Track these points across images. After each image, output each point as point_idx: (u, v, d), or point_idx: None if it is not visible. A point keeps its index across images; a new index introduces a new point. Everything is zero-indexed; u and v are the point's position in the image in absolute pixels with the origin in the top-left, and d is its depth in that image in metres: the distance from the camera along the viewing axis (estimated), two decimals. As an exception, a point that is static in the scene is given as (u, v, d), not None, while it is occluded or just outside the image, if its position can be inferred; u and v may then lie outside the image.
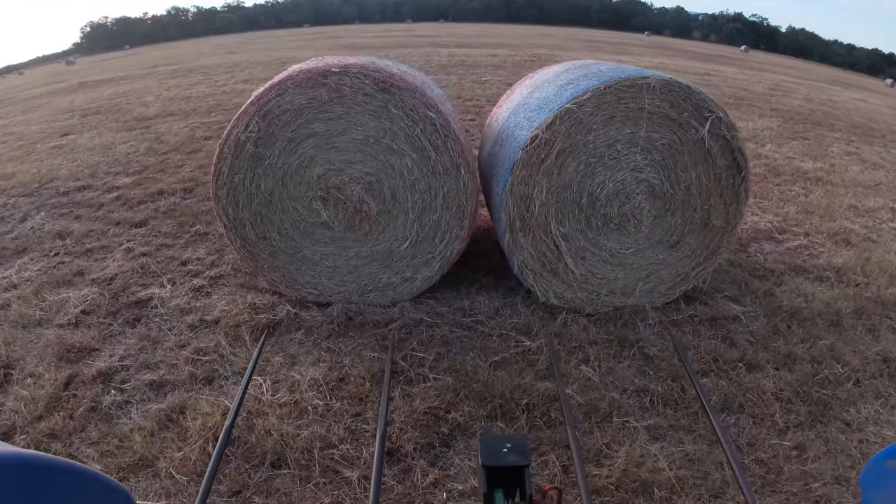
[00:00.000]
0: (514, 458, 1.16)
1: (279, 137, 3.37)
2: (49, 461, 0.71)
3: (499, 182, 3.55)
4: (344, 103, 3.26)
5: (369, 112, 3.28)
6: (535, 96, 3.69)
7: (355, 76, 3.16)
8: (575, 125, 3.30)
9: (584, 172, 3.48)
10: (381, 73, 3.16)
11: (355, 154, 3.41)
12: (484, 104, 10.83)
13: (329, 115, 3.30)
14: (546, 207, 3.51)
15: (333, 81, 3.18)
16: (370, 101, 3.24)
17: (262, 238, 3.66)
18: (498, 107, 4.39)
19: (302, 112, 3.30)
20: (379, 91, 3.20)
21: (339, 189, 3.50)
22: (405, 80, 3.21)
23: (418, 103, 3.21)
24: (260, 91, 3.29)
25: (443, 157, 3.34)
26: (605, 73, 3.43)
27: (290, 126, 3.35)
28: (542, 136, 3.25)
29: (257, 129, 3.32)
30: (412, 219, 3.58)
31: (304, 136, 3.39)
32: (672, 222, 3.66)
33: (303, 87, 3.21)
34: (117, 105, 12.84)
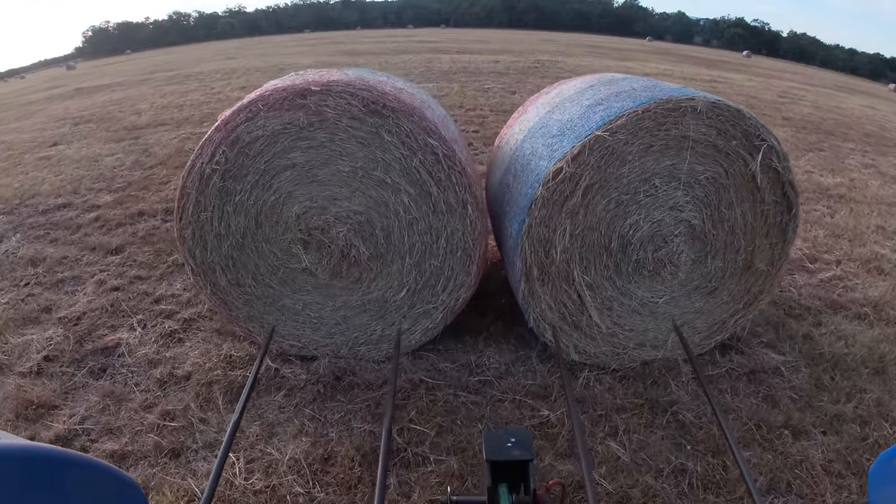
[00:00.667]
0: (518, 452, 1.15)
1: (251, 169, 2.82)
2: (63, 454, 0.72)
3: (513, 221, 2.98)
4: (327, 129, 2.70)
5: (357, 139, 2.72)
6: (555, 118, 3.12)
7: (339, 96, 2.60)
8: (606, 156, 2.74)
9: (614, 212, 2.92)
10: (370, 92, 2.60)
11: (341, 189, 2.85)
12: (487, 114, 10.37)
13: (309, 142, 2.75)
14: (569, 253, 2.95)
15: (313, 102, 2.63)
16: (358, 125, 2.68)
17: (236, 284, 3.12)
18: (509, 126, 3.82)
19: (277, 139, 2.74)
20: (368, 114, 2.64)
21: (323, 231, 2.94)
22: (400, 100, 2.64)
23: (416, 128, 2.64)
24: (227, 114, 2.73)
25: (446, 192, 2.77)
26: (640, 92, 2.87)
27: (263, 156, 2.79)
28: (566, 169, 2.68)
29: (224, 160, 2.77)
30: (410, 264, 3.01)
31: (280, 167, 2.83)
32: (712, 266, 3.15)
33: (277, 110, 2.65)
34: (110, 113, 12.59)
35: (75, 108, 14.18)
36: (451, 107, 10.96)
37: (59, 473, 0.70)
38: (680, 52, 40.59)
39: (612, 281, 3.14)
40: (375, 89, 2.62)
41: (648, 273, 3.13)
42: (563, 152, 2.74)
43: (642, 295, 3.19)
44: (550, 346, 3.23)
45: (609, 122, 2.69)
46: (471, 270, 3.01)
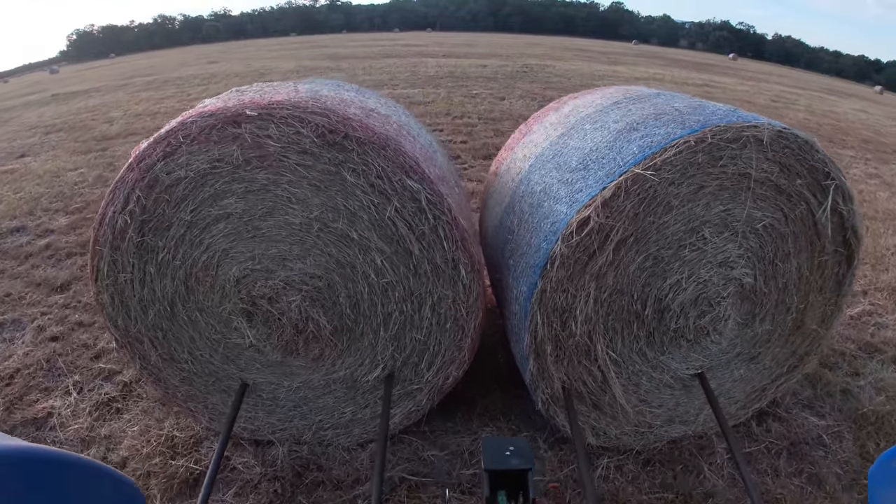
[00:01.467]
0: (516, 461, 1.15)
1: (174, 220, 2.13)
2: (62, 455, 0.73)
3: (520, 281, 2.30)
4: (269, 167, 2.01)
5: (311, 181, 2.03)
6: (573, 144, 2.45)
7: (285, 122, 1.91)
8: (647, 201, 2.07)
9: (651, 271, 2.26)
10: (327, 117, 1.91)
11: (292, 247, 2.15)
12: (476, 122, 9.72)
13: (247, 185, 2.05)
14: (592, 324, 2.28)
15: (250, 132, 1.93)
16: (311, 162, 1.99)
17: (169, 360, 2.44)
18: (509, 149, 3.14)
19: (205, 181, 2.05)
20: (325, 146, 1.95)
21: (271, 300, 2.24)
22: (369, 128, 1.96)
23: (391, 166, 1.96)
24: (142, 148, 2.04)
25: (431, 250, 2.09)
26: (686, 114, 2.21)
27: (187, 203, 2.10)
28: (595, 219, 2.01)
29: (141, 209, 2.08)
30: (386, 338, 2.32)
31: (211, 218, 2.13)
32: (759, 330, 2.57)
33: (202, 143, 1.95)
34: (82, 121, 12.04)
35: (49, 116, 13.61)
36: (438, 114, 10.31)
37: (58, 474, 0.69)
38: (667, 56, 40.48)
39: (642, 354, 2.49)
40: (334, 112, 1.93)
41: (686, 343, 2.49)
42: (590, 194, 2.06)
43: (676, 367, 2.57)
44: (563, 431, 2.57)
45: (652, 154, 2.02)
46: (463, 345, 2.32)
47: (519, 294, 2.29)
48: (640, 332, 2.42)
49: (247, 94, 2.12)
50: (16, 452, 0.69)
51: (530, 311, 2.20)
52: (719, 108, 2.33)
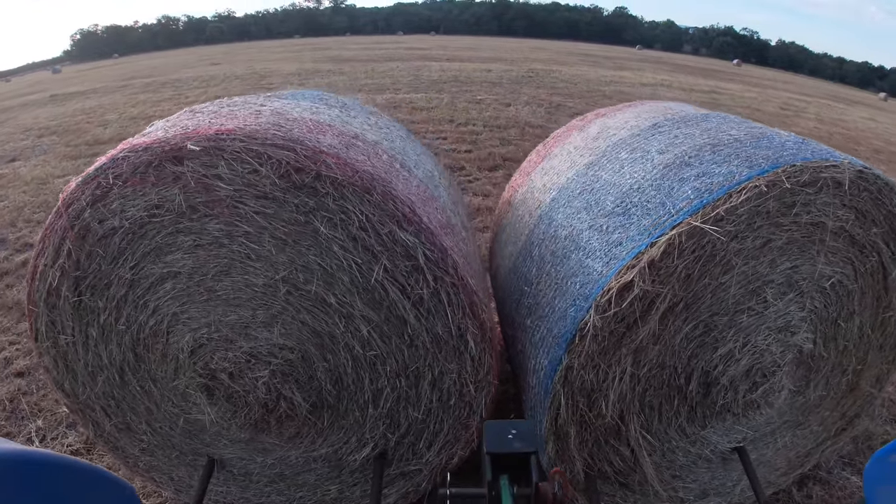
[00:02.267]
0: (519, 444, 1.12)
1: (113, 278, 1.71)
2: (57, 458, 0.73)
3: (539, 350, 1.87)
4: (222, 216, 1.58)
5: (275, 234, 1.60)
6: (605, 177, 2.02)
7: (237, 158, 1.48)
8: (703, 260, 1.64)
9: (700, 341, 1.84)
10: (293, 152, 1.48)
11: (255, 312, 1.72)
12: (481, 129, 9.28)
13: (195, 238, 1.63)
14: (625, 403, 1.86)
15: (194, 171, 1.51)
16: (275, 210, 1.56)
17: (126, 430, 2.04)
18: (525, 174, 2.70)
19: (144, 232, 1.63)
20: (291, 190, 1.52)
21: (233, 376, 1.81)
22: (349, 164, 1.54)
23: (378, 214, 1.53)
24: (70, 189, 1.62)
25: (430, 318, 1.66)
26: (749, 146, 1.79)
27: (126, 258, 1.68)
28: (640, 285, 1.58)
29: (74, 263, 1.67)
30: (375, 415, 1.89)
31: (155, 277, 1.71)
32: (811, 396, 2.19)
33: (137, 184, 1.53)
34: (77, 124, 11.73)
35: (45, 118, 13.31)
36: (441, 121, 9.88)
37: (55, 477, 0.69)
38: (672, 61, 40.14)
39: (680, 430, 2.08)
40: (302, 144, 1.50)
41: (732, 416, 2.08)
42: (633, 251, 1.63)
43: (716, 441, 2.16)
44: None
45: (713, 201, 1.59)
46: (471, 423, 1.89)
47: (538, 366, 1.86)
48: (680, 407, 2.00)
49: (199, 115, 1.69)
50: (13, 455, 0.68)
51: (552, 390, 1.77)
52: (786, 138, 1.90)
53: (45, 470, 0.70)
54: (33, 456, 0.72)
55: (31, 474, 0.68)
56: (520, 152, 7.66)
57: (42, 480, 0.69)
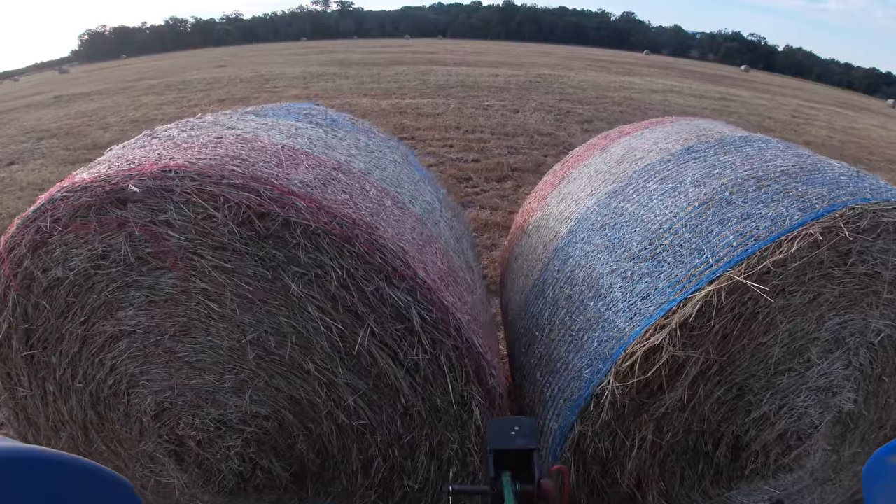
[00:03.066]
0: (522, 441, 1.11)
1: (64, 332, 1.48)
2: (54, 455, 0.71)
3: (548, 410, 1.62)
4: (175, 269, 1.32)
5: (238, 292, 1.34)
6: (630, 211, 1.77)
7: (188, 202, 1.24)
8: (744, 320, 1.40)
9: (732, 405, 1.60)
10: (255, 193, 1.23)
11: (223, 377, 1.47)
12: (489, 137, 8.99)
13: (148, 293, 1.39)
14: (643, 471, 1.61)
15: (138, 217, 1.26)
16: (236, 264, 1.31)
17: None
18: (540, 198, 2.44)
19: (91, 285, 1.39)
20: (254, 240, 1.27)
21: (202, 444, 1.56)
22: (325, 207, 1.29)
23: (362, 268, 1.27)
24: (11, 232, 1.39)
25: (429, 388, 1.40)
26: (799, 180, 1.55)
27: (75, 312, 1.45)
28: (668, 350, 1.32)
29: (22, 314, 1.44)
30: (366, 484, 1.63)
31: (108, 335, 1.47)
32: (844, 454, 1.94)
33: (77, 230, 1.29)
34: (78, 126, 11.57)
35: (48, 119, 13.15)
36: (447, 128, 9.60)
37: (54, 474, 0.68)
38: (680, 67, 39.83)
39: (704, 492, 1.82)
40: (267, 183, 1.25)
41: (761, 479, 1.83)
42: (663, 307, 1.38)
43: (741, 501, 1.90)
44: None
45: (759, 251, 1.33)
46: (475, 499, 1.63)
47: (547, 429, 1.61)
48: (706, 471, 1.75)
49: (154, 143, 1.43)
50: (9, 452, 0.67)
51: (560, 458, 1.52)
52: (839, 170, 1.64)
53: (41, 466, 0.68)
54: (29, 453, 0.70)
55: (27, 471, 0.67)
56: (529, 162, 7.35)
57: (39, 477, 0.68)
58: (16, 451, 0.69)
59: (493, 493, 1.09)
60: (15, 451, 0.68)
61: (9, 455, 0.67)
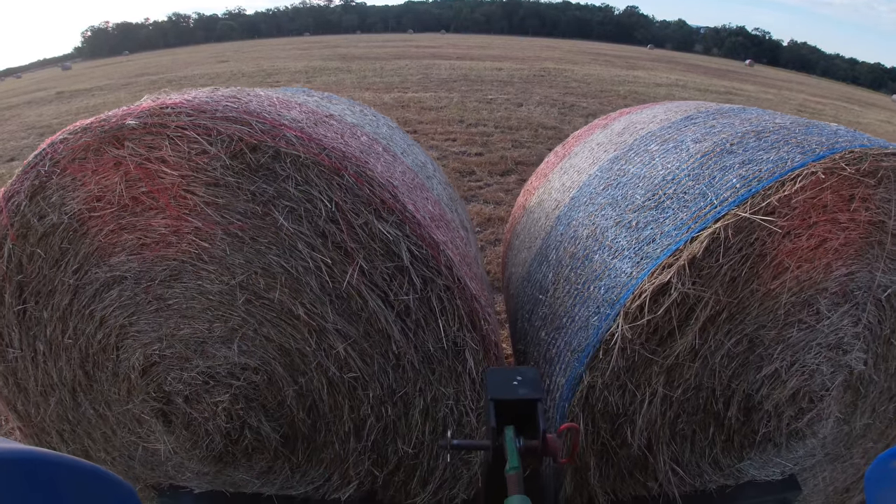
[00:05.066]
0: (524, 391, 1.05)
1: (57, 284, 1.46)
2: (54, 457, 0.71)
3: (554, 367, 1.58)
4: (168, 208, 1.29)
5: (230, 231, 1.30)
6: (633, 171, 1.74)
7: (183, 135, 1.21)
8: (752, 261, 1.36)
9: (742, 359, 1.55)
10: (248, 126, 1.20)
11: (212, 325, 1.43)
12: (492, 131, 8.89)
13: (140, 236, 1.36)
14: (653, 431, 1.57)
15: (134, 154, 1.23)
16: (228, 199, 1.28)
17: (85, 458, 1.71)
18: (542, 176, 2.41)
19: (85, 230, 1.37)
20: (246, 173, 1.24)
21: (190, 400, 1.53)
22: (315, 139, 1.26)
23: (351, 200, 1.24)
24: (11, 181, 1.36)
25: (421, 333, 1.36)
26: (798, 133, 1.52)
27: (68, 260, 1.42)
28: (677, 287, 1.29)
29: (17, 265, 1.43)
30: (359, 449, 1.60)
31: (100, 282, 1.45)
32: (856, 425, 1.89)
33: (75, 172, 1.27)
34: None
35: (49, 115, 13.17)
36: (450, 121, 9.50)
37: (53, 476, 0.68)
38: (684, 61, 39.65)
39: (714, 463, 1.77)
40: (258, 117, 1.22)
41: (773, 448, 1.79)
42: (669, 247, 1.35)
43: (753, 475, 1.86)
44: None
45: (763, 189, 1.30)
46: (473, 460, 1.59)
47: (553, 386, 1.57)
48: (717, 436, 1.70)
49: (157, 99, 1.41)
50: (10, 454, 0.66)
51: (569, 415, 1.48)
52: (836, 127, 1.62)
53: (43, 468, 0.68)
54: (31, 455, 0.69)
55: (29, 473, 0.66)
56: (533, 155, 7.25)
57: (40, 479, 0.67)
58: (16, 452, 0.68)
59: (495, 447, 1.03)
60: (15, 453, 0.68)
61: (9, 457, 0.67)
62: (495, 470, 1.07)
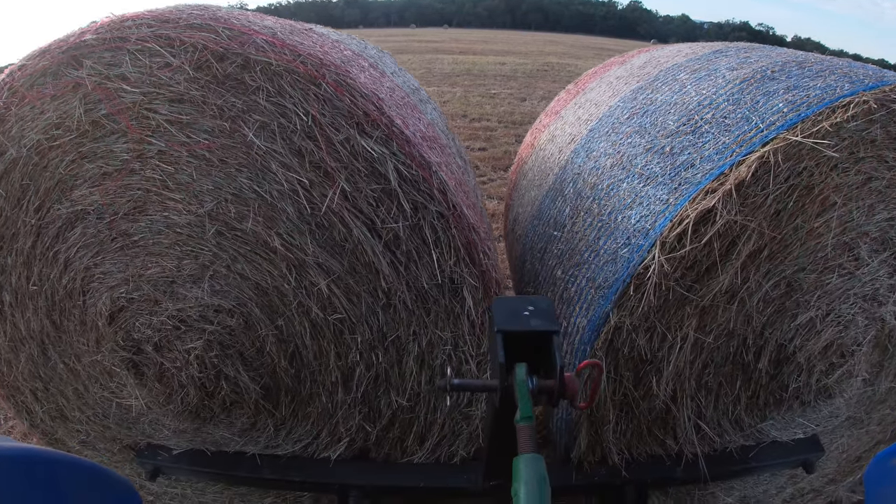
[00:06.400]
0: (537, 322, 0.90)
1: (19, 225, 1.36)
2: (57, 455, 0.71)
3: (573, 307, 1.46)
4: (130, 131, 1.17)
5: (195, 152, 1.18)
6: (662, 99, 1.60)
7: (144, 49, 1.10)
8: (798, 193, 1.24)
9: (779, 304, 1.42)
10: (214, 34, 1.08)
11: (181, 262, 1.31)
12: (495, 126, 8.67)
13: (102, 164, 1.24)
14: (679, 382, 1.43)
15: (93, 73, 1.13)
16: (194, 116, 1.15)
17: (60, 418, 1.69)
18: (553, 114, 2.27)
19: (45, 163, 1.26)
20: (212, 85, 1.12)
21: (160, 348, 1.40)
22: (289, 46, 1.13)
23: (331, 113, 1.11)
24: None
25: (413, 267, 1.22)
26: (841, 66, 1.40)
27: (30, 198, 1.31)
28: (722, 215, 1.16)
29: None
30: (348, 401, 1.47)
31: (63, 220, 1.33)
32: (880, 388, 1.79)
33: (33, 100, 1.18)
34: None
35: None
36: (453, 116, 9.27)
37: (54, 474, 0.68)
38: (690, 52, 39.33)
39: (736, 422, 1.65)
40: (226, 23, 1.09)
41: (800, 407, 1.66)
42: (712, 172, 1.22)
43: (773, 436, 1.75)
44: None
45: (814, 115, 1.19)
46: (474, 413, 1.46)
47: (573, 328, 1.43)
48: (742, 392, 1.58)
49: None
50: (11, 452, 0.66)
51: (589, 356, 1.35)
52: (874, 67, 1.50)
53: (43, 467, 0.68)
54: (31, 453, 0.69)
55: (29, 471, 0.66)
56: (537, 151, 7.13)
57: (41, 477, 0.67)
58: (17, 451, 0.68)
59: (503, 387, 0.88)
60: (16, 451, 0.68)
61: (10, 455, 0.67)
62: (503, 419, 0.93)
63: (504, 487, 1.25)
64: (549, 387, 0.87)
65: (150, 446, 1.60)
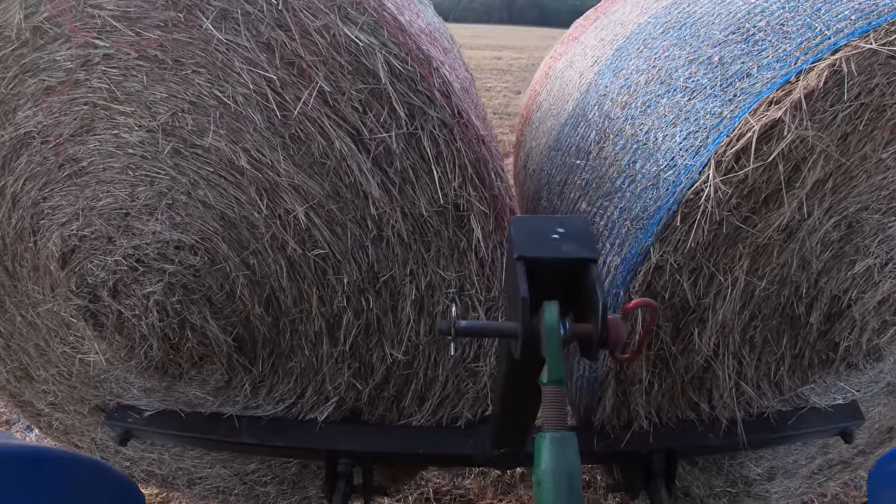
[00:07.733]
0: (570, 247, 0.68)
1: None
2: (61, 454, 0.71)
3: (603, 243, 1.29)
4: (72, 34, 0.99)
5: (145, 54, 0.99)
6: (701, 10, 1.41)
7: None
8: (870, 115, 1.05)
9: (837, 249, 1.25)
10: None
11: (135, 190, 1.13)
12: (491, 117, 8.56)
13: (45, 77, 1.07)
14: (723, 335, 1.24)
15: None
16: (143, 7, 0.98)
17: (26, 378, 1.56)
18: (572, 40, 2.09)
19: None
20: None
21: (117, 293, 1.23)
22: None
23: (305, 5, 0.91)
24: None
25: (410, 190, 1.04)
26: None
27: None
28: (791, 128, 0.98)
29: None
30: (334, 355, 1.29)
31: (7, 148, 1.17)
32: None
33: None
34: None
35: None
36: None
37: (58, 472, 0.68)
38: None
39: (777, 385, 1.49)
40: None
41: (846, 368, 1.51)
42: (774, 82, 1.04)
43: (813, 402, 1.60)
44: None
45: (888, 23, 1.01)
46: (480, 370, 1.28)
47: (604, 268, 1.25)
48: (787, 351, 1.42)
49: None
50: (14, 451, 0.67)
51: (622, 305, 1.18)
52: None
53: (44, 464, 0.67)
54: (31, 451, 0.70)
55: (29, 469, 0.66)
56: (531, 142, 7.08)
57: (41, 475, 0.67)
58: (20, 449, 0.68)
59: (526, 332, 0.66)
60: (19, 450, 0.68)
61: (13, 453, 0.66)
62: (521, 375, 0.74)
63: (516, 455, 1.03)
64: (586, 332, 0.67)
65: (119, 407, 1.44)
